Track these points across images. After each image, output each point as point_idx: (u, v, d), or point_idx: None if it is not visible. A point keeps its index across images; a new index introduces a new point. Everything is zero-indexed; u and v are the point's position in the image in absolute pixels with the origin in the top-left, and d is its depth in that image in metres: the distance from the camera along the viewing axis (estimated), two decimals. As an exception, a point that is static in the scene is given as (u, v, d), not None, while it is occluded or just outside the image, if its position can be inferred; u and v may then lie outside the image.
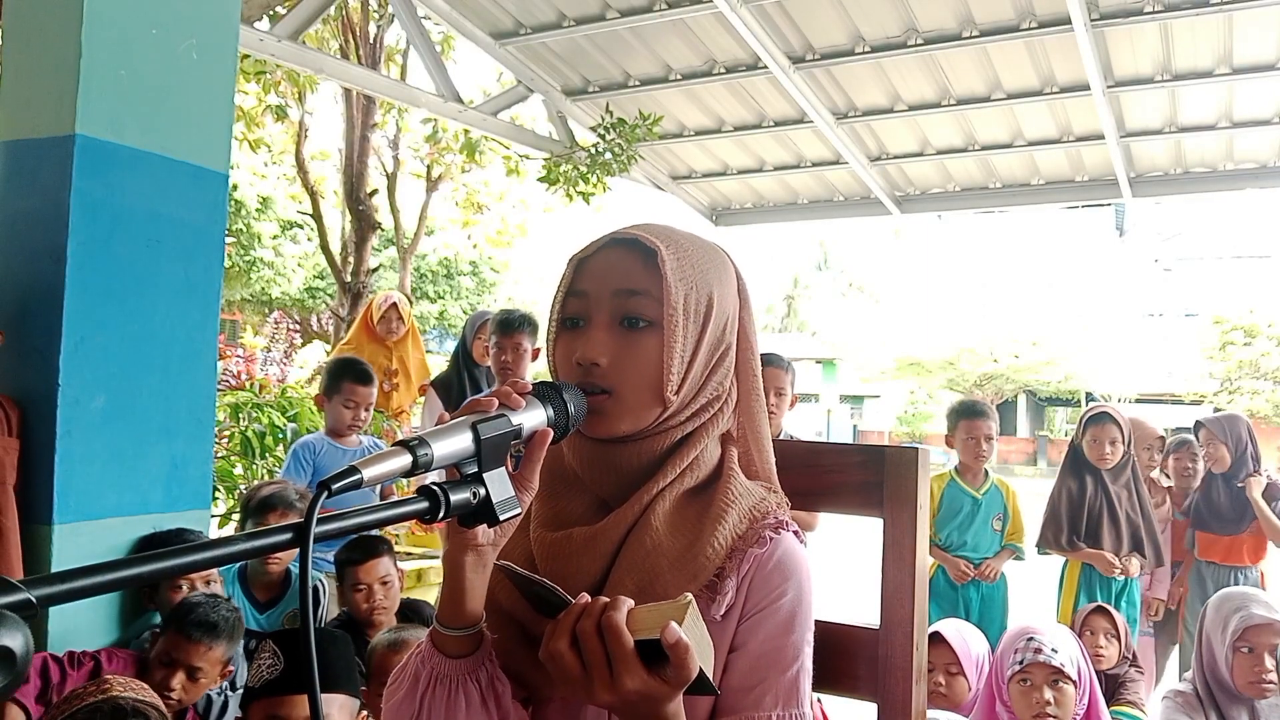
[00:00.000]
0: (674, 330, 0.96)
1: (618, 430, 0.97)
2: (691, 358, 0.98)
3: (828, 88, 5.62)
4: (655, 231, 1.00)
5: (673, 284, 0.96)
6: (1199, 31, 4.70)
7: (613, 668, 0.82)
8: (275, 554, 2.30)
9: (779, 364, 3.41)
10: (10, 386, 2.38)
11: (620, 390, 0.96)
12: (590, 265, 0.99)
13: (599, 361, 0.95)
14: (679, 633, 0.80)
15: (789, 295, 42.93)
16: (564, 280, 1.00)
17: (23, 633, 0.51)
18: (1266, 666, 2.36)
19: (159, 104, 2.54)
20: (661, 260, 0.96)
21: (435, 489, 0.79)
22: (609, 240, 1.00)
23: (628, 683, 0.81)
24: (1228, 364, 25.15)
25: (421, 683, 0.91)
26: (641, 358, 0.96)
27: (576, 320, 0.99)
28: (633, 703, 0.82)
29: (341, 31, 7.99)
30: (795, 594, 0.97)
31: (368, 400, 3.59)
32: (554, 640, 0.84)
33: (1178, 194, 6.29)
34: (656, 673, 0.82)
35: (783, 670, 0.95)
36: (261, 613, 2.82)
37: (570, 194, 6.27)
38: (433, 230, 15.04)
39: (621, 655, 0.81)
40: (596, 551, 0.96)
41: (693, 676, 0.82)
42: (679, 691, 0.83)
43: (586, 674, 0.83)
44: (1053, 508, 4.00)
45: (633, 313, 0.96)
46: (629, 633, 0.82)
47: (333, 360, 3.87)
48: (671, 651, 0.80)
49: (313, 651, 0.67)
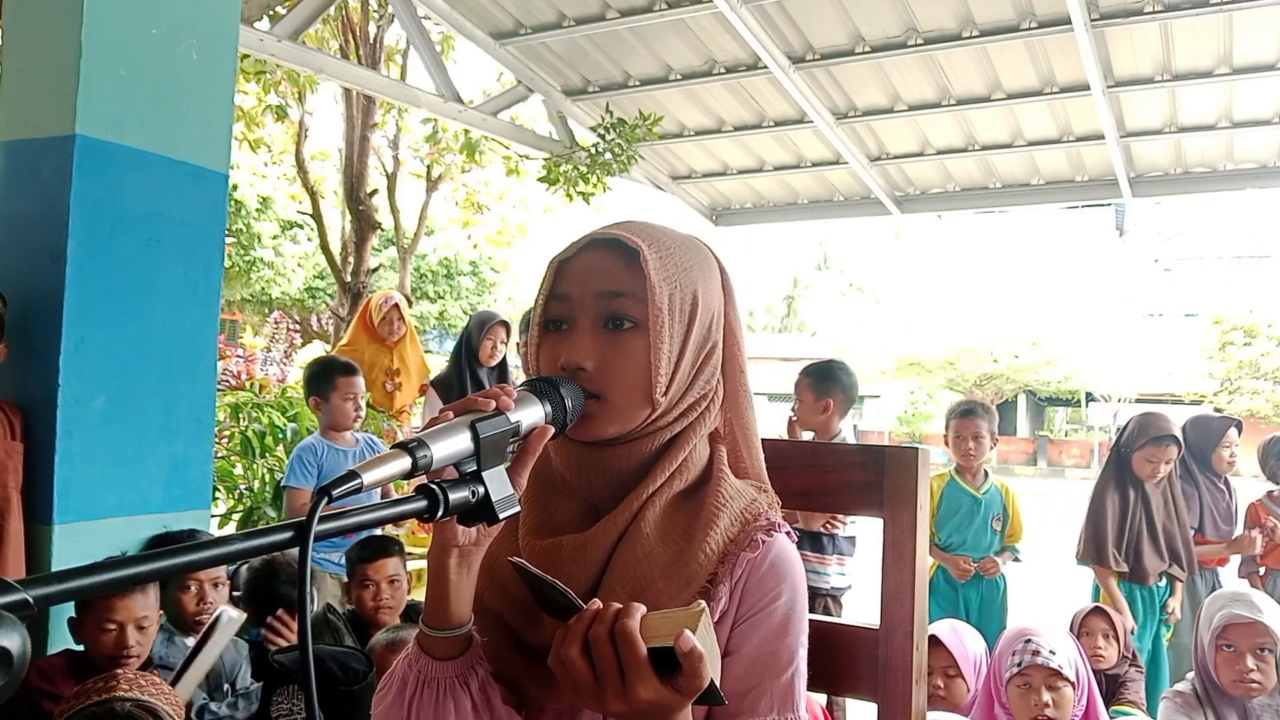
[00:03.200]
0: (660, 331, 0.94)
1: (606, 433, 0.96)
2: (678, 357, 0.97)
3: (828, 88, 5.62)
4: (636, 230, 0.98)
5: (656, 284, 0.94)
6: (1199, 31, 4.70)
7: (625, 676, 0.80)
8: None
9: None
10: (11, 388, 2.38)
11: (608, 394, 0.94)
12: (572, 267, 0.98)
13: (585, 366, 0.94)
14: (694, 641, 0.79)
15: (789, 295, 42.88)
16: (545, 283, 0.99)
17: (20, 633, 0.51)
18: (1249, 665, 2.36)
19: (159, 104, 2.54)
20: (644, 260, 0.94)
21: (434, 487, 0.79)
22: (589, 241, 0.98)
23: (640, 692, 0.80)
24: (1228, 364, 25.17)
25: (410, 686, 0.90)
26: (628, 360, 0.95)
27: (560, 323, 0.97)
28: (644, 712, 0.81)
29: (341, 31, 7.99)
30: (789, 597, 0.97)
31: (361, 389, 3.64)
32: (566, 646, 0.82)
33: (1178, 194, 6.28)
34: (669, 681, 0.81)
35: (778, 674, 0.94)
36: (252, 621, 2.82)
37: (570, 194, 6.27)
38: (433, 230, 15.05)
39: (635, 663, 0.80)
40: (587, 560, 0.95)
41: (704, 686, 0.81)
42: (690, 701, 0.82)
43: (598, 682, 0.81)
44: (1095, 523, 3.82)
45: (617, 314, 0.95)
46: (642, 640, 0.81)
47: (311, 364, 3.89)
48: (685, 660, 0.79)
49: (310, 653, 0.68)
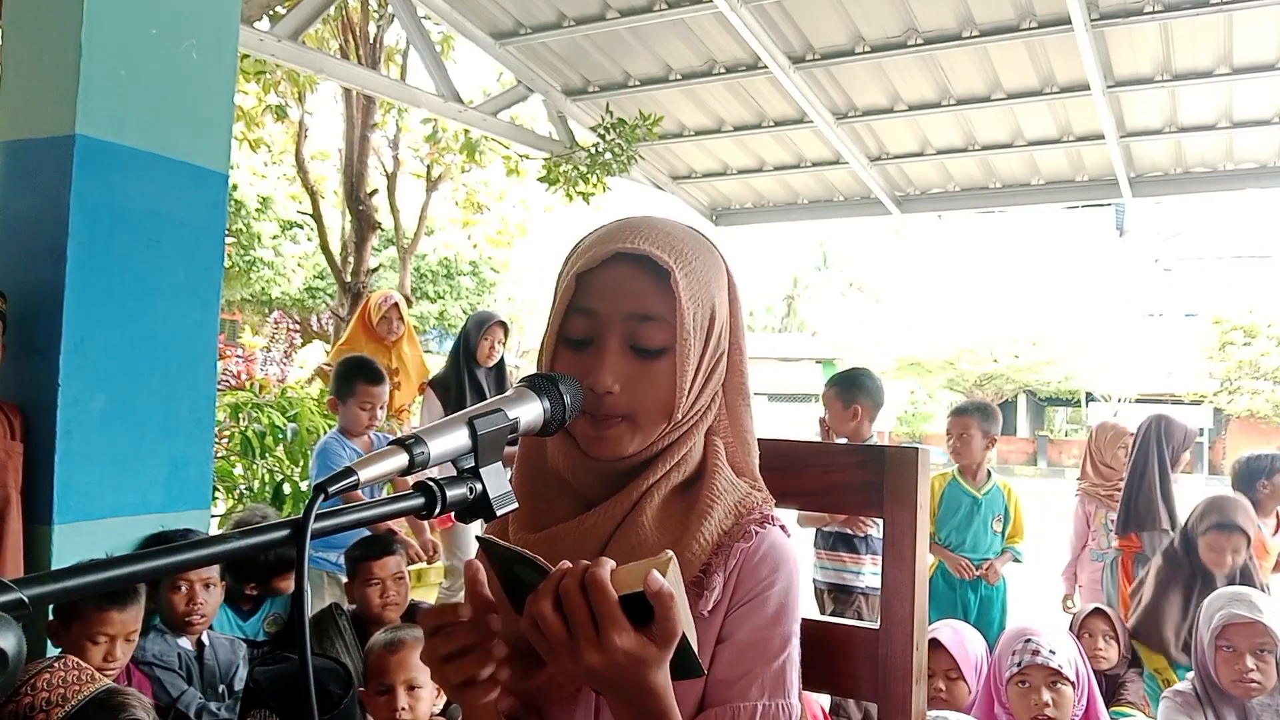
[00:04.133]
0: (686, 355, 0.95)
1: (627, 451, 0.97)
2: (696, 373, 0.98)
3: (828, 88, 5.61)
4: (662, 243, 0.96)
5: (686, 307, 0.94)
6: (1199, 31, 4.70)
7: (599, 625, 0.80)
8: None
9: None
10: (11, 388, 2.37)
11: (634, 415, 0.96)
12: (598, 282, 0.96)
13: (613, 390, 0.94)
14: (661, 581, 0.79)
15: (789, 295, 42.82)
16: (564, 293, 0.97)
17: (15, 633, 0.51)
18: (1248, 665, 2.35)
19: (159, 104, 2.54)
20: (675, 283, 0.94)
21: (431, 484, 0.79)
22: (615, 254, 0.96)
23: (615, 638, 0.80)
24: (1228, 364, 25.16)
25: None
26: (654, 383, 0.96)
27: (586, 341, 0.97)
28: (621, 665, 0.81)
29: (341, 31, 7.98)
30: (783, 585, 0.97)
31: (381, 399, 3.66)
32: (537, 602, 0.82)
33: (1178, 194, 6.28)
34: (643, 630, 0.81)
35: (769, 660, 0.94)
36: (245, 620, 2.84)
37: (570, 194, 6.27)
38: (433, 230, 15.03)
39: (607, 610, 0.80)
40: (583, 547, 0.96)
41: (679, 631, 0.81)
42: (667, 653, 0.82)
43: (572, 635, 0.81)
44: (1154, 614, 3.32)
45: (646, 341, 0.95)
46: (613, 588, 0.81)
47: (342, 362, 3.86)
48: (656, 601, 0.79)
49: (309, 654, 0.67)
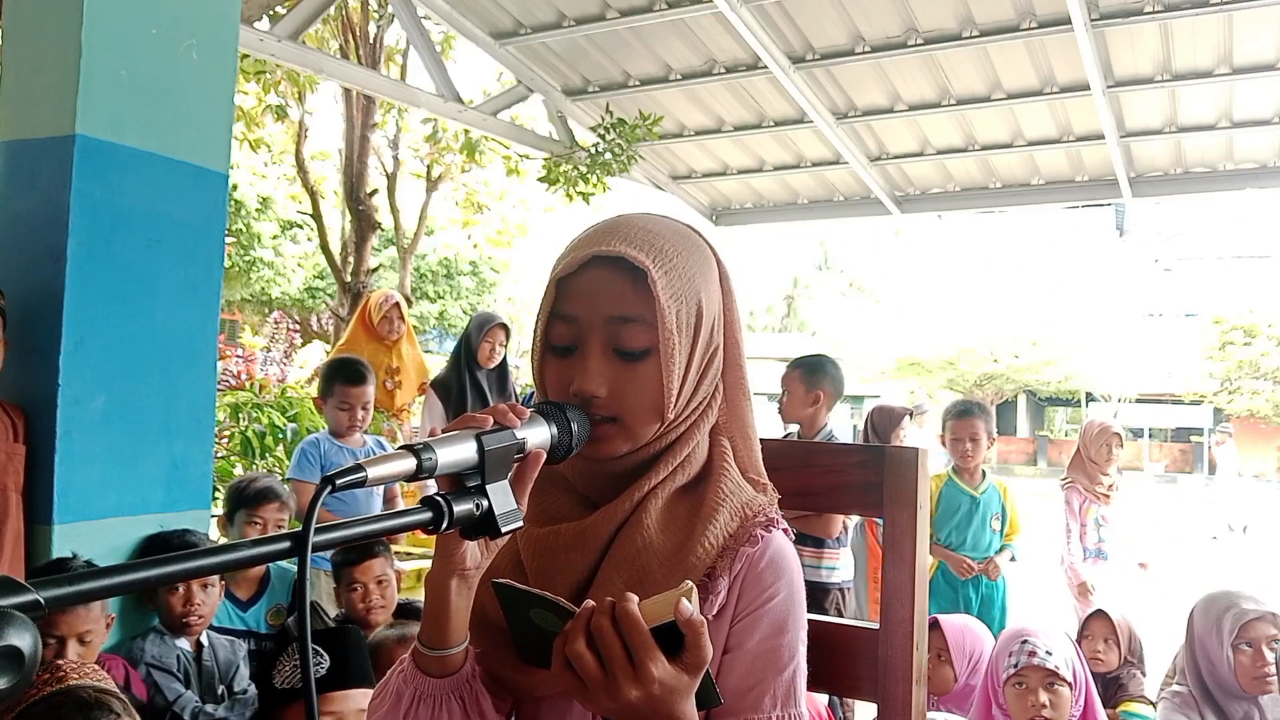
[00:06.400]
0: (671, 353, 0.95)
1: (620, 451, 0.97)
2: (686, 371, 0.98)
3: (828, 88, 5.62)
4: (639, 243, 0.95)
5: (666, 305, 0.94)
6: (1199, 31, 4.70)
7: (634, 658, 0.81)
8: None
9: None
10: (11, 388, 2.37)
11: (622, 417, 0.96)
12: (576, 287, 0.96)
13: (599, 394, 0.94)
14: (692, 609, 0.81)
15: (789, 295, 42.81)
16: (546, 300, 0.97)
17: (31, 633, 0.52)
18: (1266, 659, 2.34)
19: (159, 104, 2.54)
20: (652, 281, 0.93)
21: (439, 499, 0.80)
22: (591, 257, 0.95)
23: (651, 669, 0.81)
24: (1228, 364, 25.18)
25: (405, 701, 0.92)
26: (641, 384, 0.95)
27: (569, 348, 0.97)
28: (657, 696, 0.81)
29: (341, 31, 7.98)
30: (788, 593, 0.97)
31: (362, 400, 3.53)
32: (570, 643, 0.83)
33: (1178, 194, 6.29)
34: (674, 660, 0.82)
35: (779, 670, 0.95)
36: (244, 610, 2.83)
37: (570, 194, 6.27)
38: (433, 230, 15.04)
39: (640, 642, 0.81)
40: (585, 547, 0.96)
41: (709, 657, 0.82)
42: (696, 680, 0.83)
43: (607, 671, 0.82)
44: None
45: (628, 344, 0.95)
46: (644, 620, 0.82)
47: (326, 363, 3.86)
48: (687, 629, 0.81)
49: (309, 654, 0.68)
